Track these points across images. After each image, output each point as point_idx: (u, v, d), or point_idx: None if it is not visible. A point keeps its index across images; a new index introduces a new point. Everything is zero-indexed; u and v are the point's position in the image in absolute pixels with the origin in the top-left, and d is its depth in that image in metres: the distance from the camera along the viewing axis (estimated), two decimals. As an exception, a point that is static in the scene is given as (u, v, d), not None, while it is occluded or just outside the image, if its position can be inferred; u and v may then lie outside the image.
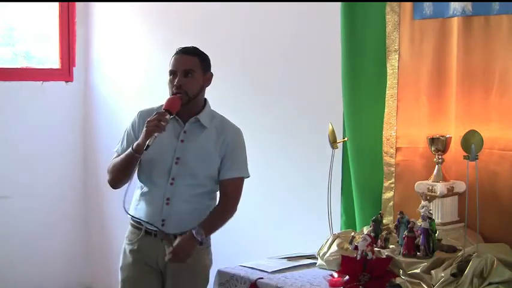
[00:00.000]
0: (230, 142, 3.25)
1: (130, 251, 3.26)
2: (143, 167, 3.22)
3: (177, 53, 3.24)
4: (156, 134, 3.05)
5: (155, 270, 3.25)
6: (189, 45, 3.27)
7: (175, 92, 3.17)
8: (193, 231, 3.12)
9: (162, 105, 3.21)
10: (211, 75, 3.28)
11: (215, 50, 4.62)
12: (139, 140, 3.10)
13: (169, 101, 3.15)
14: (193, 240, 3.12)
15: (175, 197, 3.18)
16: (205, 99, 3.30)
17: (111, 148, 3.39)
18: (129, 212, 3.26)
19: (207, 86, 3.28)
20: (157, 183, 3.20)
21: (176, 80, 3.17)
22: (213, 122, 3.26)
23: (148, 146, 3.04)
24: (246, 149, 3.31)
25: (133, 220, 3.28)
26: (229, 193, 3.26)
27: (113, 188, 3.28)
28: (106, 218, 5.49)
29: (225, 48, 4.64)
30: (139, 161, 3.13)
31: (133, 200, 3.31)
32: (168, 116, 3.09)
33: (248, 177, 3.30)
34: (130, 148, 3.14)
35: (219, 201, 3.30)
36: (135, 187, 3.31)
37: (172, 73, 3.20)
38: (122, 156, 3.19)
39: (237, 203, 3.28)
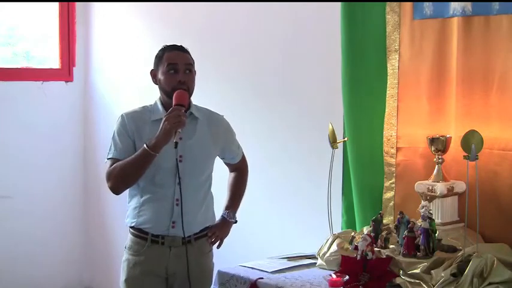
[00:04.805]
0: (226, 131, 3.33)
1: (137, 263, 3.18)
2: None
3: (172, 50, 3.19)
4: (179, 130, 3.02)
5: (162, 279, 3.20)
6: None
7: (178, 88, 3.12)
8: (226, 217, 3.36)
9: (144, 106, 3.23)
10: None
11: (215, 50, 4.66)
12: (156, 138, 3.02)
13: (179, 96, 3.09)
14: (229, 223, 3.38)
15: (184, 196, 3.13)
16: None
17: (111, 148, 3.38)
18: (130, 225, 3.22)
19: None
20: (164, 186, 3.14)
21: (179, 76, 3.13)
22: (200, 113, 3.25)
23: (177, 143, 3.01)
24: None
25: (135, 229, 3.21)
26: (243, 167, 3.49)
27: (116, 193, 3.20)
28: (106, 218, 5.48)
29: (225, 48, 4.64)
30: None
31: (130, 209, 3.24)
32: (184, 110, 3.06)
33: None
34: (144, 147, 3.03)
35: (234, 177, 3.45)
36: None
37: (173, 67, 3.14)
38: (133, 157, 3.08)
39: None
